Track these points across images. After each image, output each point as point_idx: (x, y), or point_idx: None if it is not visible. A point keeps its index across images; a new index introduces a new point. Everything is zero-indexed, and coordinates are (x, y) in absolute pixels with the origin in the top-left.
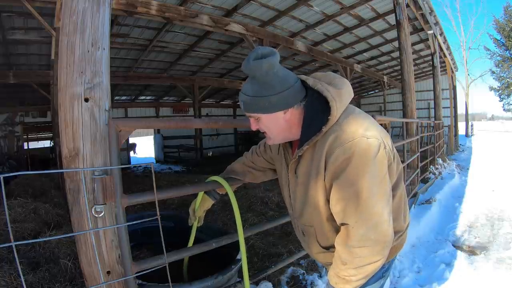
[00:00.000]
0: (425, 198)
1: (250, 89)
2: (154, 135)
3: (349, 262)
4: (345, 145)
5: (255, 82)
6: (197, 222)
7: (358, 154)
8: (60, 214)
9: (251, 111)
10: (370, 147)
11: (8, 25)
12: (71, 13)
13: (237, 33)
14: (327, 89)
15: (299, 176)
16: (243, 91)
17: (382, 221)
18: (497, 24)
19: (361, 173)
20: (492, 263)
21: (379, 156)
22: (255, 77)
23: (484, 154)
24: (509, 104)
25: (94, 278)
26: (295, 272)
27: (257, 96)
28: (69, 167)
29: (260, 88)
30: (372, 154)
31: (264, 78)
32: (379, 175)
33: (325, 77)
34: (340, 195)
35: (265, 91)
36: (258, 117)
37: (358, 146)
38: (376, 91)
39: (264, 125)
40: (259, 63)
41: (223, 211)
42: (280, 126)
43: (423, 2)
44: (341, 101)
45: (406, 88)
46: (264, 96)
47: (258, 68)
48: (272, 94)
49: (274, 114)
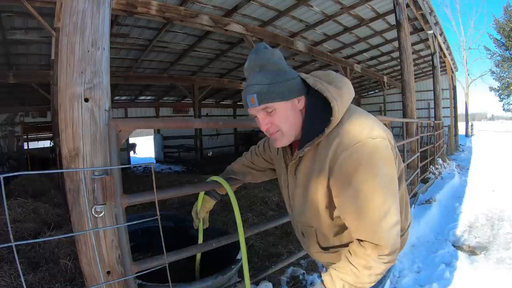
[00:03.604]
0: (425, 198)
1: (264, 78)
2: (154, 135)
3: (360, 275)
4: (350, 148)
5: (268, 70)
6: (203, 224)
7: (366, 159)
8: (60, 214)
9: (269, 100)
10: (377, 149)
11: (8, 25)
12: (71, 13)
13: (237, 33)
14: (327, 89)
15: (298, 177)
16: (255, 82)
17: (395, 234)
18: (497, 24)
19: (370, 181)
20: (492, 263)
21: (387, 156)
22: (267, 65)
23: (484, 154)
24: (509, 104)
25: (94, 278)
26: (295, 272)
27: (275, 83)
28: (69, 167)
29: (275, 75)
30: (379, 156)
31: (277, 65)
32: (388, 178)
33: (325, 76)
34: (350, 206)
35: (280, 77)
36: (274, 108)
37: (365, 149)
38: (376, 91)
39: (278, 118)
40: (270, 50)
41: (223, 211)
42: (294, 117)
43: (423, 2)
44: (343, 101)
45: (406, 88)
46: (281, 82)
47: (271, 55)
48: (288, 79)
49: (291, 101)
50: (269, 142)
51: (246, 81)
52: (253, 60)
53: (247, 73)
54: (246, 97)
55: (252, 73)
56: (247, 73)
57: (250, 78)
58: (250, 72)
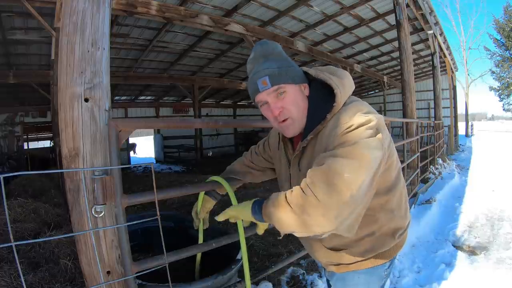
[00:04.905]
0: (425, 198)
1: (273, 63)
2: (154, 135)
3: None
4: (343, 124)
5: (274, 58)
6: (203, 224)
7: (355, 126)
8: (60, 214)
9: (281, 81)
10: (368, 122)
11: (8, 25)
12: (71, 13)
13: (237, 33)
14: (330, 78)
15: (302, 169)
16: (265, 67)
17: (353, 188)
18: (497, 24)
19: (354, 138)
20: (492, 263)
21: (376, 127)
22: (272, 53)
23: (484, 154)
24: (509, 104)
25: (94, 278)
26: (295, 272)
27: (284, 66)
28: (69, 167)
29: (284, 61)
30: (368, 125)
31: (282, 54)
32: (373, 145)
33: (327, 69)
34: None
35: (288, 63)
36: (285, 90)
37: (355, 120)
38: (376, 91)
39: (289, 100)
40: (274, 43)
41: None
42: (303, 101)
43: (423, 2)
44: (345, 89)
45: (406, 88)
46: (290, 67)
47: (275, 46)
48: (294, 65)
49: (299, 86)
50: (267, 140)
51: (252, 71)
52: (259, 51)
53: (252, 65)
54: (257, 82)
55: (258, 63)
56: (251, 65)
57: (257, 66)
58: (255, 63)
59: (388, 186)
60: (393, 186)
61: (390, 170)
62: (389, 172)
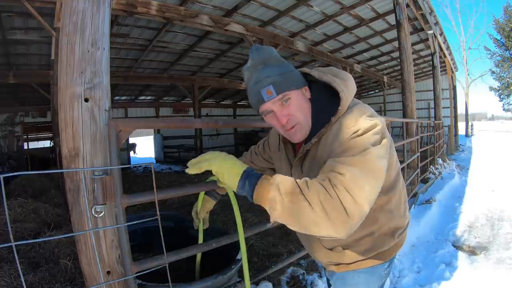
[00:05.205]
0: (425, 198)
1: (273, 70)
2: (154, 135)
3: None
4: (349, 129)
5: (273, 64)
6: (203, 224)
7: (362, 131)
8: (60, 214)
9: (286, 88)
10: (374, 126)
11: (8, 25)
12: (71, 13)
13: (237, 33)
14: (334, 80)
15: (304, 171)
16: (266, 75)
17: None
18: (497, 24)
19: (363, 145)
20: (492, 263)
21: (381, 132)
22: (270, 59)
23: (484, 154)
24: (509, 104)
25: (94, 278)
26: (295, 272)
27: (284, 72)
28: (69, 167)
29: (283, 66)
30: (375, 130)
31: (279, 59)
32: (382, 154)
33: (329, 71)
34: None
35: (287, 68)
36: (290, 97)
37: (362, 125)
38: (376, 91)
39: (294, 107)
40: (269, 47)
41: (223, 211)
42: (307, 105)
43: (423, 2)
44: (349, 91)
45: (406, 88)
46: (289, 72)
47: (271, 50)
48: (292, 69)
49: (301, 90)
50: (267, 140)
51: (252, 79)
52: (256, 58)
53: (250, 72)
54: (260, 92)
55: (257, 70)
56: (249, 72)
57: (256, 75)
58: (253, 71)
59: (388, 187)
60: (392, 187)
61: (390, 170)
62: (389, 173)
